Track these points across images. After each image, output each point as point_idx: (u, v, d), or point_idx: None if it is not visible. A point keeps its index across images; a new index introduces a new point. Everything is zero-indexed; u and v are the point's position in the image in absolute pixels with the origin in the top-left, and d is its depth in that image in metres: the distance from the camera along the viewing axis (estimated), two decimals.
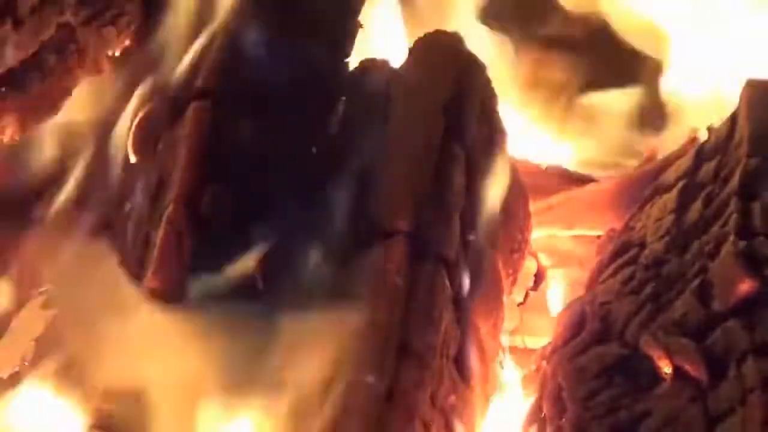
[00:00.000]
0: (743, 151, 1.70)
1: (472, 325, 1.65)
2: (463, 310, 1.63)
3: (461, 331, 1.62)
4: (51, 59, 1.90)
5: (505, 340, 1.79)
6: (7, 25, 1.83)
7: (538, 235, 1.97)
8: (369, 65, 1.78)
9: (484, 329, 1.68)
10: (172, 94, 1.71)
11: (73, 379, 1.58)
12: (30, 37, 1.87)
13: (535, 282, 1.94)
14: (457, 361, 1.61)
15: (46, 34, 1.88)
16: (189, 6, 1.77)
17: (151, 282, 1.54)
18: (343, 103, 1.74)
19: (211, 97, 1.65)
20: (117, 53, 1.94)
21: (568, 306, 1.82)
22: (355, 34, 1.81)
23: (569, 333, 1.75)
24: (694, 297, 1.62)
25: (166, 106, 1.71)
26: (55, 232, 1.77)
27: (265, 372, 1.52)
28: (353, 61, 1.80)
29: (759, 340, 1.53)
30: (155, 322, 1.55)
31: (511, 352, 1.89)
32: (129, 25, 1.93)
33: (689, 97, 2.35)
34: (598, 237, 1.96)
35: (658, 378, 1.60)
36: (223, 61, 1.68)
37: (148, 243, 1.60)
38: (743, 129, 1.73)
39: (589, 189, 2.05)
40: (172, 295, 1.54)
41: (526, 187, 1.85)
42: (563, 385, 1.68)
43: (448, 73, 1.73)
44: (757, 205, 1.64)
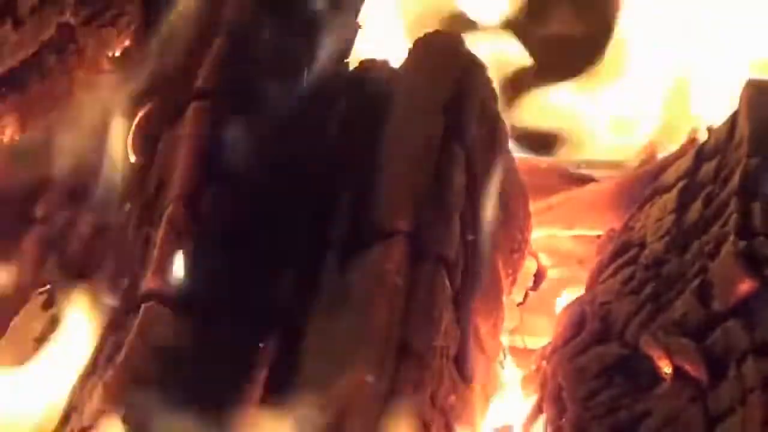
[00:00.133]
0: (743, 151, 1.70)
1: (472, 325, 1.65)
2: (463, 310, 1.63)
3: (461, 331, 1.62)
4: (51, 59, 1.90)
5: (505, 340, 1.78)
6: (7, 25, 1.84)
7: (538, 235, 1.96)
8: (369, 65, 1.78)
9: (484, 329, 1.67)
10: (172, 94, 1.71)
11: None
12: (30, 37, 1.87)
13: (535, 282, 1.94)
14: (457, 361, 1.61)
15: (46, 34, 1.88)
16: (189, 6, 1.77)
17: (151, 282, 1.54)
18: (342, 104, 1.74)
19: (211, 97, 1.65)
20: (117, 53, 1.94)
21: (568, 306, 1.82)
22: (355, 34, 1.81)
23: (569, 333, 1.75)
24: (694, 297, 1.62)
25: (166, 106, 1.70)
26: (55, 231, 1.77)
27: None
28: (353, 61, 1.80)
29: (759, 340, 1.53)
30: None
31: (511, 352, 1.89)
32: (129, 25, 1.93)
33: None
34: (598, 237, 1.96)
35: (658, 378, 1.60)
36: (223, 61, 1.68)
37: (148, 243, 1.60)
38: (743, 129, 1.73)
39: (589, 189, 2.05)
40: (172, 296, 1.54)
41: (526, 187, 1.85)
42: (563, 385, 1.68)
43: (448, 73, 1.73)
44: (757, 205, 1.64)
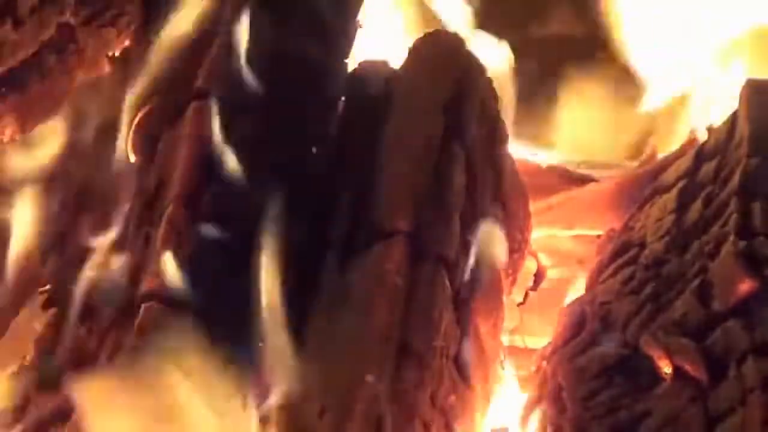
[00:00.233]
0: (743, 151, 1.70)
1: (472, 325, 1.65)
2: (463, 310, 1.63)
3: (461, 331, 1.62)
4: (51, 59, 1.90)
5: (505, 340, 1.79)
6: (7, 25, 1.84)
7: (538, 235, 1.97)
8: (369, 65, 1.78)
9: (484, 329, 1.68)
10: (172, 94, 1.71)
11: None
12: (30, 37, 1.87)
13: (535, 282, 1.94)
14: (457, 361, 1.61)
15: (46, 34, 1.89)
16: (189, 6, 1.77)
17: (150, 282, 1.54)
18: (342, 104, 1.74)
19: (211, 98, 1.65)
20: (117, 53, 1.94)
21: (568, 306, 1.83)
22: (355, 34, 1.81)
23: (569, 333, 1.75)
24: (694, 297, 1.62)
25: (166, 106, 1.70)
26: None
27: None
28: (353, 61, 1.80)
29: (759, 340, 1.53)
30: None
31: (511, 352, 1.89)
32: (129, 25, 1.93)
33: None
34: (598, 237, 1.96)
35: (658, 378, 1.60)
36: (223, 62, 1.68)
37: (148, 243, 1.60)
38: (743, 129, 1.73)
39: (589, 189, 2.05)
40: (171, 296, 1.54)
41: (526, 187, 1.85)
42: (563, 385, 1.68)
43: (448, 73, 1.73)
44: (757, 205, 1.64)
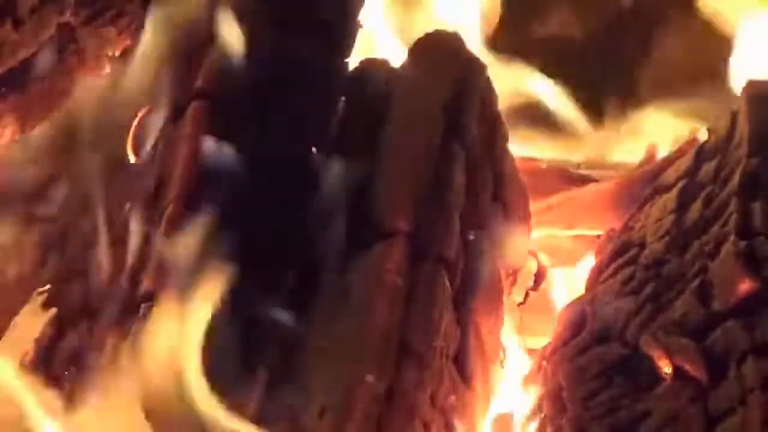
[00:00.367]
0: (743, 151, 1.70)
1: (472, 325, 1.65)
2: (463, 310, 1.63)
3: (461, 331, 1.62)
4: (51, 59, 1.90)
5: (505, 340, 1.78)
6: (7, 25, 1.83)
7: (538, 235, 1.97)
8: (369, 65, 1.78)
9: (484, 329, 1.68)
10: (172, 94, 1.71)
11: None
12: (30, 37, 1.87)
13: (535, 282, 1.93)
14: (457, 361, 1.61)
15: (46, 34, 1.88)
16: (189, 6, 1.77)
17: (150, 282, 1.54)
18: (342, 104, 1.74)
19: (211, 98, 1.65)
20: (117, 53, 1.94)
21: (568, 306, 1.82)
22: (355, 34, 1.81)
23: (569, 333, 1.75)
24: (694, 297, 1.62)
25: (166, 106, 1.70)
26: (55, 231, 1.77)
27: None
28: (353, 61, 1.80)
29: (759, 340, 1.53)
30: None
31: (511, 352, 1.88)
32: (129, 25, 1.93)
33: None
34: (598, 237, 1.96)
35: (658, 378, 1.60)
36: (223, 62, 1.68)
37: (148, 243, 1.60)
38: (743, 129, 1.73)
39: (589, 189, 2.05)
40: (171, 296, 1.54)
41: (526, 187, 1.85)
42: (563, 385, 1.68)
43: (448, 73, 1.73)
44: (757, 205, 1.64)
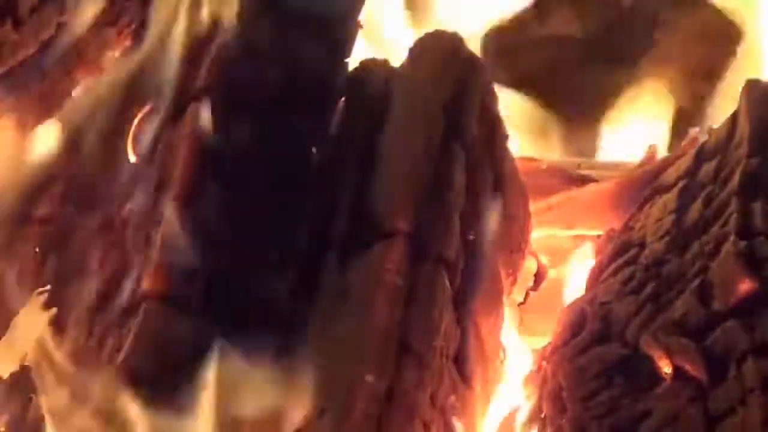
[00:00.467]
0: (743, 151, 1.70)
1: (472, 325, 1.65)
2: (463, 310, 1.63)
3: (461, 331, 1.62)
4: (51, 59, 1.90)
5: (505, 340, 1.79)
6: (7, 25, 1.84)
7: (538, 235, 1.96)
8: (369, 65, 1.78)
9: (484, 329, 1.68)
10: (173, 94, 1.71)
11: None
12: (30, 37, 1.87)
13: (535, 282, 1.93)
14: (457, 361, 1.61)
15: (46, 34, 1.88)
16: (189, 6, 1.77)
17: (150, 283, 1.54)
18: (342, 104, 1.74)
19: (211, 97, 1.65)
20: (117, 53, 1.94)
21: (568, 306, 1.82)
22: (355, 34, 1.81)
23: (569, 333, 1.75)
24: (694, 297, 1.62)
25: (167, 106, 1.70)
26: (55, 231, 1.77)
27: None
28: (353, 61, 1.80)
29: (759, 340, 1.53)
30: None
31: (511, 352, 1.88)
32: (129, 25, 1.93)
33: None
34: (598, 237, 1.96)
35: (658, 378, 1.60)
36: (223, 61, 1.68)
37: (148, 243, 1.60)
38: (743, 129, 1.73)
39: (589, 189, 2.05)
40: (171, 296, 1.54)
41: (526, 187, 1.84)
42: (563, 385, 1.68)
43: (448, 73, 1.72)
44: (757, 205, 1.64)
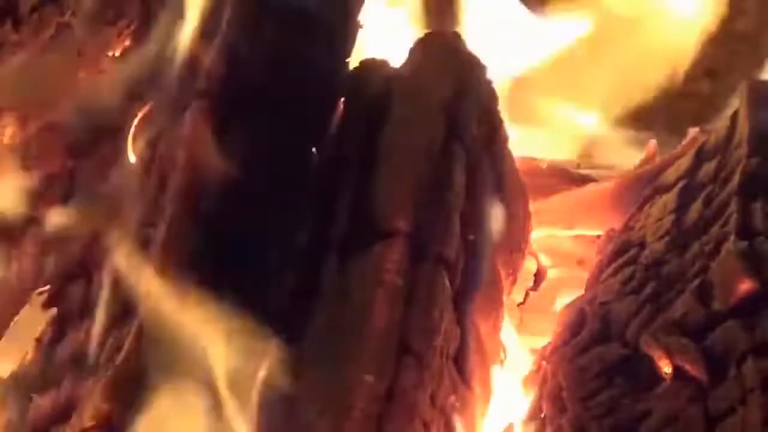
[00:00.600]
0: (743, 151, 1.70)
1: (472, 325, 1.65)
2: (463, 310, 1.63)
3: (461, 331, 1.62)
4: (51, 59, 1.90)
5: (505, 340, 1.79)
6: (7, 25, 1.84)
7: (538, 235, 1.97)
8: (369, 65, 1.78)
9: (484, 329, 1.68)
10: (173, 94, 1.71)
11: None
12: (30, 37, 1.87)
13: (535, 282, 1.94)
14: (457, 361, 1.61)
15: (46, 34, 1.88)
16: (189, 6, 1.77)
17: (150, 283, 1.54)
18: (342, 104, 1.74)
19: (211, 98, 1.65)
20: (117, 53, 1.94)
21: (568, 306, 1.82)
22: (355, 34, 1.81)
23: (569, 333, 1.75)
24: (694, 297, 1.62)
25: (166, 106, 1.71)
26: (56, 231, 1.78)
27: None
28: (353, 61, 1.80)
29: (759, 340, 1.53)
30: None
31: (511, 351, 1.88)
32: (129, 25, 1.93)
33: None
34: (598, 237, 1.96)
35: (658, 378, 1.60)
36: (223, 62, 1.68)
37: (148, 243, 1.60)
38: (743, 129, 1.73)
39: (589, 189, 2.05)
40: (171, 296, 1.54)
41: (526, 187, 1.85)
42: (563, 385, 1.68)
43: (448, 73, 1.72)
44: (757, 205, 1.64)
